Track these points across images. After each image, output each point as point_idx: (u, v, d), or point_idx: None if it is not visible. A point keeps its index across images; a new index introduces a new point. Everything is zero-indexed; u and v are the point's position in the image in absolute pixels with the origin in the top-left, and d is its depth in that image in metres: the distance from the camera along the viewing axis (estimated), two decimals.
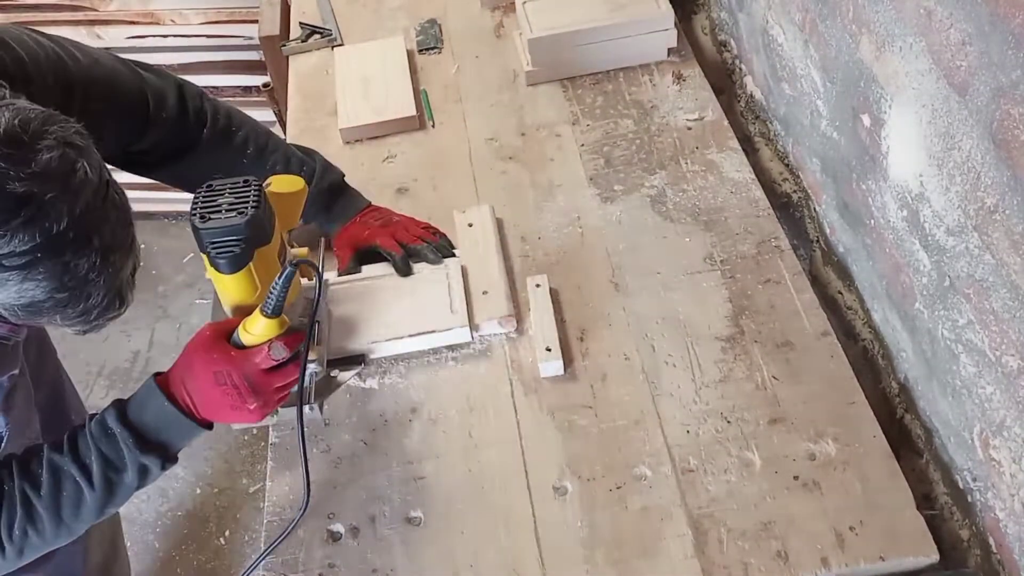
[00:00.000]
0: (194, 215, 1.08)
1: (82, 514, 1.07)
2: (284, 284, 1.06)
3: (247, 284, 1.11)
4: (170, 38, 2.64)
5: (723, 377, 1.28)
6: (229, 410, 1.08)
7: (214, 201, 1.09)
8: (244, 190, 1.10)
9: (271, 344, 1.07)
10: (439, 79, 1.85)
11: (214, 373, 1.06)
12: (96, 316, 0.96)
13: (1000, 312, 0.99)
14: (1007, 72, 0.88)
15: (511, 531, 1.17)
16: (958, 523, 1.18)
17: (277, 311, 1.07)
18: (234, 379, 1.06)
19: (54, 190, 0.87)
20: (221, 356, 1.07)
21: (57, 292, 0.90)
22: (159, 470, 1.08)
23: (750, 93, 1.78)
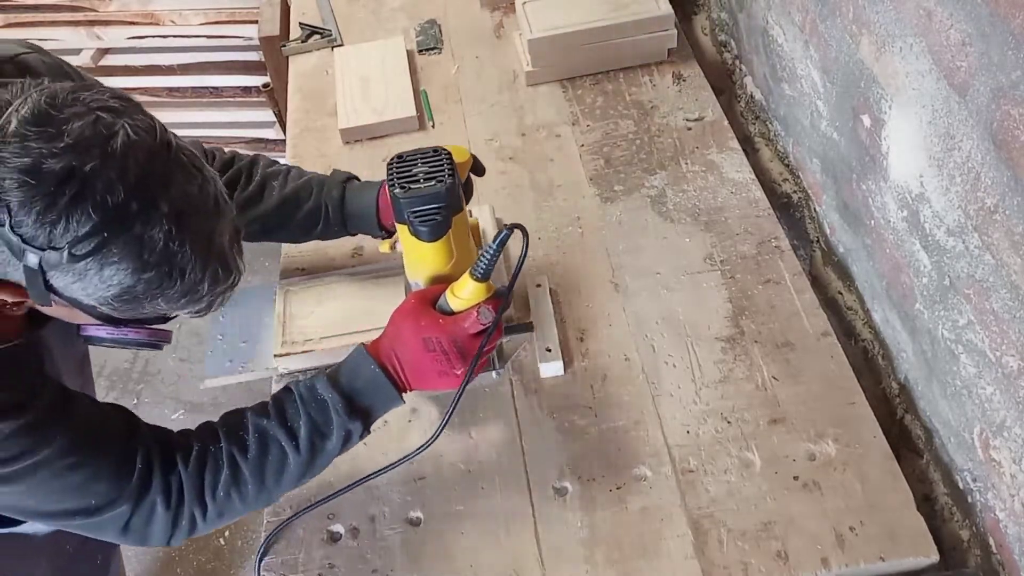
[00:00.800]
0: (392, 185, 1.10)
1: (284, 479, 1.07)
2: (498, 247, 1.05)
3: (445, 252, 1.13)
4: (170, 38, 2.64)
5: (723, 377, 1.28)
6: (436, 376, 1.08)
7: (409, 171, 1.11)
8: (436, 159, 1.11)
9: (480, 308, 1.06)
10: (439, 79, 1.85)
11: (423, 340, 1.06)
12: (206, 291, 0.91)
13: (1000, 312, 0.99)
14: (1007, 72, 0.88)
15: (511, 531, 1.17)
16: (958, 523, 1.18)
17: (487, 274, 1.07)
18: (444, 345, 1.06)
19: (94, 158, 0.82)
20: (430, 323, 1.07)
21: (142, 272, 0.85)
22: (359, 438, 1.09)
23: (750, 93, 1.78)
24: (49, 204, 0.80)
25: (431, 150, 1.13)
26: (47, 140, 0.81)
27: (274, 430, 1.06)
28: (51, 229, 0.81)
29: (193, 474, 1.03)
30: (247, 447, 1.06)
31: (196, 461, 1.04)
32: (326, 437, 1.07)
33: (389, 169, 1.12)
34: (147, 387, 2.72)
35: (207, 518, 1.05)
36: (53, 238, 0.81)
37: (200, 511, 1.04)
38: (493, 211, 1.53)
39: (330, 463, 1.10)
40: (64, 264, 0.83)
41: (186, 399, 2.66)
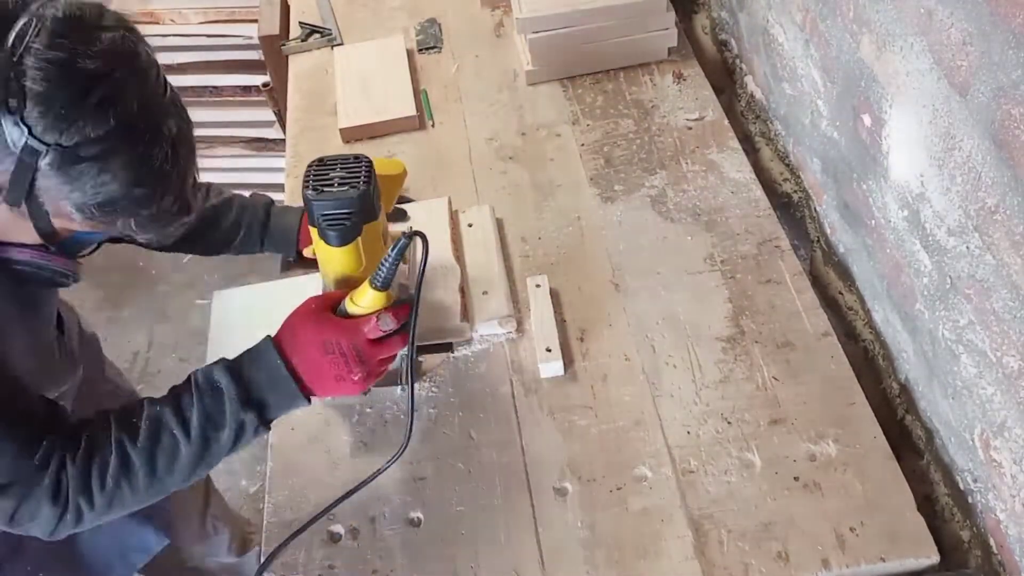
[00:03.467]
0: (307, 187, 1.10)
1: (175, 470, 1.03)
2: (396, 256, 1.05)
3: (353, 257, 1.13)
4: (170, 37, 2.64)
5: (723, 378, 1.28)
6: (333, 380, 1.06)
7: (326, 175, 1.11)
8: (355, 166, 1.12)
9: (380, 315, 1.06)
10: (439, 79, 1.85)
11: (323, 341, 1.05)
12: (169, 220, 0.95)
13: (1001, 312, 0.99)
14: (1008, 72, 0.88)
15: (511, 532, 1.17)
16: (959, 524, 1.18)
17: (387, 284, 1.07)
18: (343, 348, 1.05)
19: (123, 69, 0.86)
20: (330, 325, 1.06)
21: (134, 186, 0.88)
22: (253, 433, 1.06)
23: (750, 93, 1.78)
24: (75, 102, 0.82)
25: (352, 156, 1.13)
26: (82, 41, 0.84)
27: (166, 417, 1.03)
28: (66, 127, 0.83)
29: (80, 466, 0.99)
30: (138, 434, 1.02)
31: (84, 452, 1.00)
32: (219, 427, 1.04)
33: (307, 171, 1.12)
34: (147, 387, 2.72)
35: (95, 508, 1.01)
36: (63, 136, 0.83)
37: (87, 502, 1.00)
38: (493, 211, 1.53)
39: (224, 455, 1.07)
40: (62, 164, 0.84)
41: None
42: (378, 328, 1.06)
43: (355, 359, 1.06)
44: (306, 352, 1.05)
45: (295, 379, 1.05)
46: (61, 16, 0.84)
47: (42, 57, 0.82)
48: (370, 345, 1.06)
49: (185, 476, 1.05)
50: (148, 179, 0.89)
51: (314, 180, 1.10)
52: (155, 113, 0.89)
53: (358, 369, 1.06)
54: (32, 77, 0.81)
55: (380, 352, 1.08)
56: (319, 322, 1.06)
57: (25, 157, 0.83)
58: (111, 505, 1.02)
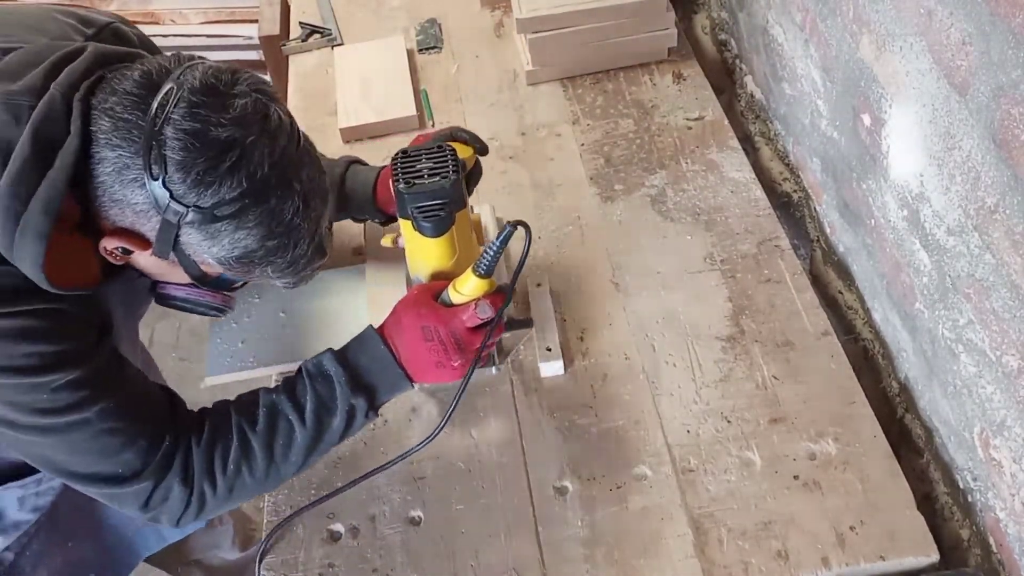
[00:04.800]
0: (397, 180, 1.10)
1: (291, 455, 1.08)
2: (501, 244, 1.06)
3: (448, 247, 1.13)
4: (170, 38, 2.64)
5: (723, 377, 1.28)
6: (433, 366, 1.09)
7: (414, 167, 1.11)
8: (440, 155, 1.12)
9: (478, 303, 1.07)
10: (439, 79, 1.85)
11: (422, 328, 1.08)
12: (304, 266, 0.99)
13: (1000, 312, 0.99)
14: (1007, 72, 0.88)
15: (511, 531, 1.17)
16: (958, 523, 1.18)
17: (490, 271, 1.07)
18: (441, 335, 1.07)
19: (254, 133, 0.90)
20: (430, 312, 1.08)
21: (267, 239, 0.94)
22: (363, 416, 1.09)
23: (750, 93, 1.78)
24: (210, 167, 0.89)
25: (435, 146, 1.14)
26: (216, 110, 0.90)
27: (282, 404, 1.08)
28: (203, 190, 0.89)
29: (205, 449, 1.05)
30: (256, 420, 1.07)
31: (208, 436, 1.06)
32: (331, 412, 1.08)
33: (394, 165, 1.12)
34: None
35: (217, 493, 1.06)
36: (201, 198, 0.89)
37: (210, 486, 1.05)
38: (493, 210, 1.53)
39: (336, 442, 1.10)
40: (202, 223, 0.91)
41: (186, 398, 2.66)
42: (476, 316, 1.07)
43: (454, 346, 1.08)
44: (407, 338, 1.09)
45: (399, 364, 1.09)
46: (198, 85, 0.90)
47: (180, 127, 0.88)
48: (468, 332, 1.08)
49: (300, 462, 1.09)
50: (280, 232, 0.94)
51: (403, 173, 1.11)
52: (285, 170, 0.93)
53: (456, 356, 1.08)
54: (171, 146, 0.88)
55: (479, 339, 1.09)
56: (420, 309, 1.09)
57: (169, 217, 0.91)
58: (232, 491, 1.07)
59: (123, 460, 1.00)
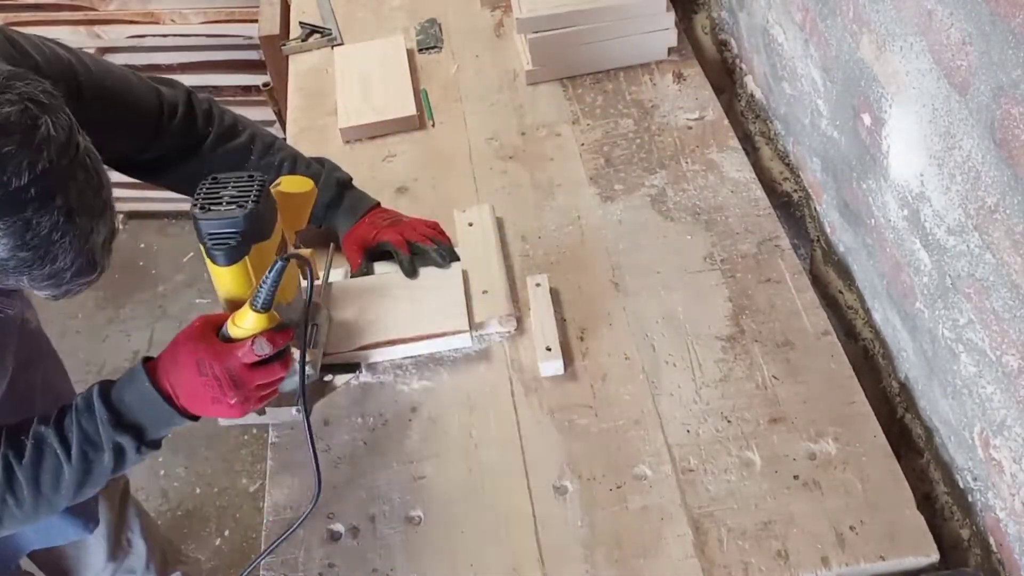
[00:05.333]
0: (195, 205, 1.08)
1: (61, 488, 1.05)
2: (275, 278, 1.05)
3: (242, 278, 1.11)
4: (170, 37, 2.64)
5: (723, 377, 1.28)
6: (209, 402, 1.06)
7: (217, 193, 1.09)
8: (247, 184, 1.09)
9: (255, 339, 1.05)
10: (439, 79, 1.85)
11: (196, 362, 1.05)
12: (68, 280, 0.94)
13: (1000, 312, 0.99)
14: (1007, 71, 0.88)
15: (511, 531, 1.17)
16: (958, 523, 1.18)
17: (267, 305, 1.06)
18: (216, 371, 1.05)
19: (13, 144, 0.86)
20: (205, 346, 1.06)
21: (19, 250, 0.89)
22: (135, 453, 1.07)
23: (750, 92, 1.78)
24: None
25: (247, 175, 1.11)
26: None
27: (50, 437, 1.04)
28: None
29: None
30: (23, 452, 1.04)
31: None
32: (98, 449, 1.05)
33: (198, 188, 1.10)
34: None
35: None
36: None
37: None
38: (493, 210, 1.53)
39: (112, 475, 1.08)
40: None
41: None
42: (253, 352, 1.05)
43: (229, 383, 1.05)
44: (183, 373, 1.06)
45: (170, 399, 1.06)
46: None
47: None
48: (246, 369, 1.06)
49: (71, 495, 1.07)
50: (35, 245, 0.89)
51: (203, 198, 1.08)
52: (49, 184, 0.88)
53: (232, 393, 1.06)
54: None
55: (258, 377, 1.07)
56: (197, 343, 1.06)
57: None
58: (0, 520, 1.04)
59: None
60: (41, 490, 1.04)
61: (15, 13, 2.69)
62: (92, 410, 1.05)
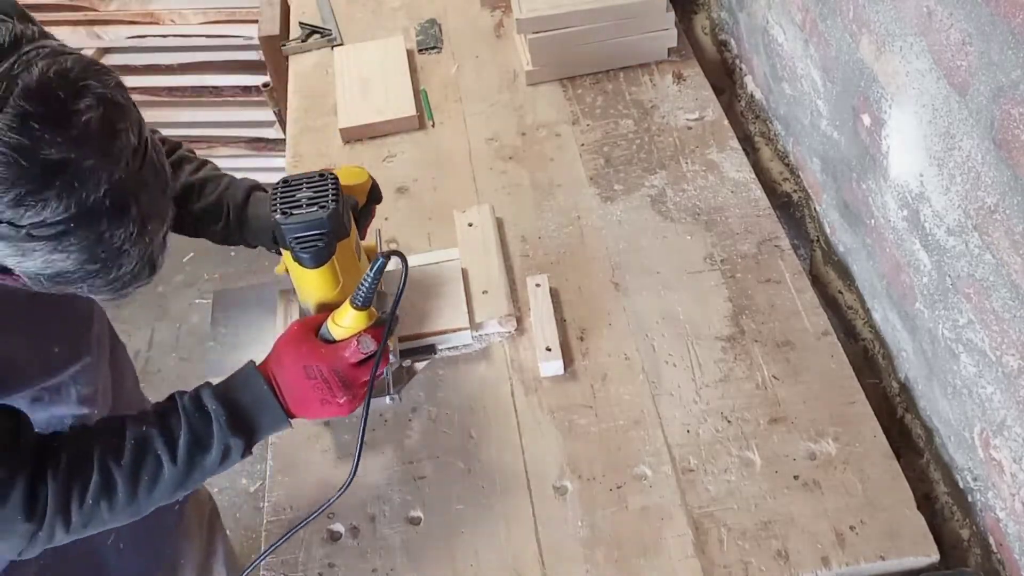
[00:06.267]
0: (275, 211, 1.08)
1: (156, 492, 1.02)
2: (376, 275, 1.04)
3: (330, 278, 1.12)
4: (170, 38, 2.64)
5: (723, 377, 1.28)
6: (319, 404, 1.05)
7: (292, 196, 1.09)
8: (321, 184, 1.10)
9: (360, 337, 1.05)
10: (439, 79, 1.85)
11: (304, 367, 1.04)
12: (126, 284, 0.90)
13: (1000, 312, 0.99)
14: (1007, 72, 0.88)
15: (511, 531, 1.17)
16: (958, 523, 1.18)
17: (368, 303, 1.06)
18: (324, 373, 1.04)
19: (93, 156, 0.79)
20: (311, 350, 1.05)
21: (88, 263, 0.84)
22: (238, 456, 1.05)
23: (750, 93, 1.78)
24: (34, 190, 0.77)
25: (317, 174, 1.11)
26: (52, 125, 0.77)
27: (153, 437, 1.01)
28: (23, 211, 0.77)
29: (60, 485, 0.97)
30: (122, 453, 1.00)
31: (66, 470, 0.97)
32: (205, 450, 1.02)
33: (272, 193, 1.10)
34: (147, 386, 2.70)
35: (70, 529, 0.99)
36: (17, 216, 0.78)
37: (63, 521, 0.98)
38: (493, 210, 1.53)
39: (206, 478, 1.06)
40: (14, 239, 0.79)
41: None
42: (359, 351, 1.05)
43: (337, 383, 1.05)
44: (290, 377, 1.05)
45: (281, 403, 1.05)
46: (35, 88, 0.76)
47: (4, 140, 0.75)
48: (352, 368, 1.06)
49: (165, 497, 1.04)
50: (105, 256, 0.84)
51: (281, 203, 1.08)
52: (124, 194, 0.82)
53: (342, 393, 1.05)
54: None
55: (363, 374, 1.07)
56: (301, 347, 1.05)
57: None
58: (87, 525, 1.00)
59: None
60: (137, 493, 1.01)
61: None
62: (204, 410, 1.03)
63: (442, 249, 1.48)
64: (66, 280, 0.85)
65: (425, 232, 1.55)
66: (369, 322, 1.07)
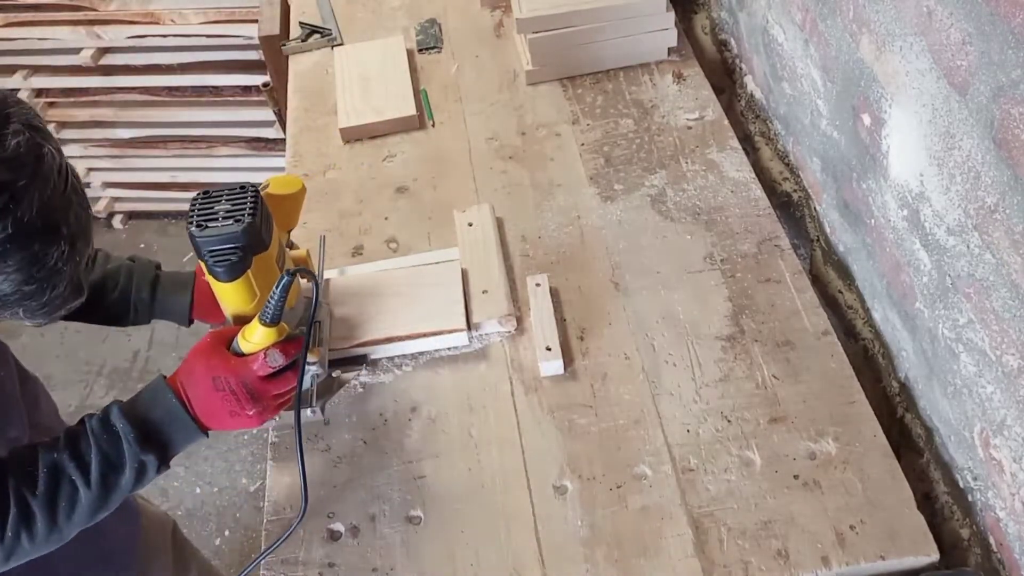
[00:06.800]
0: (191, 223, 1.07)
1: (75, 516, 1.03)
2: (281, 293, 1.05)
3: (246, 291, 1.11)
4: (170, 38, 2.65)
5: (723, 376, 1.28)
6: (227, 416, 1.07)
7: (211, 208, 1.08)
8: (240, 196, 1.09)
9: (267, 352, 1.06)
10: (439, 79, 1.85)
11: (212, 379, 1.05)
12: (57, 307, 0.93)
13: (1000, 311, 0.99)
14: (1007, 71, 0.88)
15: (511, 530, 1.17)
16: (958, 522, 1.18)
17: (275, 319, 1.07)
18: (232, 385, 1.05)
19: (25, 177, 0.84)
20: (220, 362, 1.06)
21: (25, 284, 0.87)
22: (154, 472, 1.06)
23: (750, 92, 1.78)
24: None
25: (239, 186, 1.10)
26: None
27: (65, 464, 1.02)
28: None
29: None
30: (36, 484, 1.00)
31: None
32: (119, 471, 1.03)
33: (191, 205, 1.09)
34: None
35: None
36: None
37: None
38: (493, 210, 1.53)
39: (124, 496, 1.06)
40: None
41: None
42: (267, 365, 1.06)
43: (246, 396, 1.06)
44: (200, 389, 1.06)
45: (191, 415, 1.06)
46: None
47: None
48: (261, 381, 1.07)
49: (85, 521, 1.05)
50: (41, 277, 0.88)
51: (198, 215, 1.07)
52: (54, 213, 0.87)
53: (251, 405, 1.07)
54: None
55: (273, 387, 1.08)
56: (211, 359, 1.06)
57: None
58: (9, 558, 1.01)
59: None
60: (56, 521, 1.02)
61: (15, 13, 2.69)
62: (112, 430, 1.04)
63: (442, 249, 1.48)
64: (3, 303, 0.88)
65: (425, 232, 1.55)
66: (279, 337, 1.08)
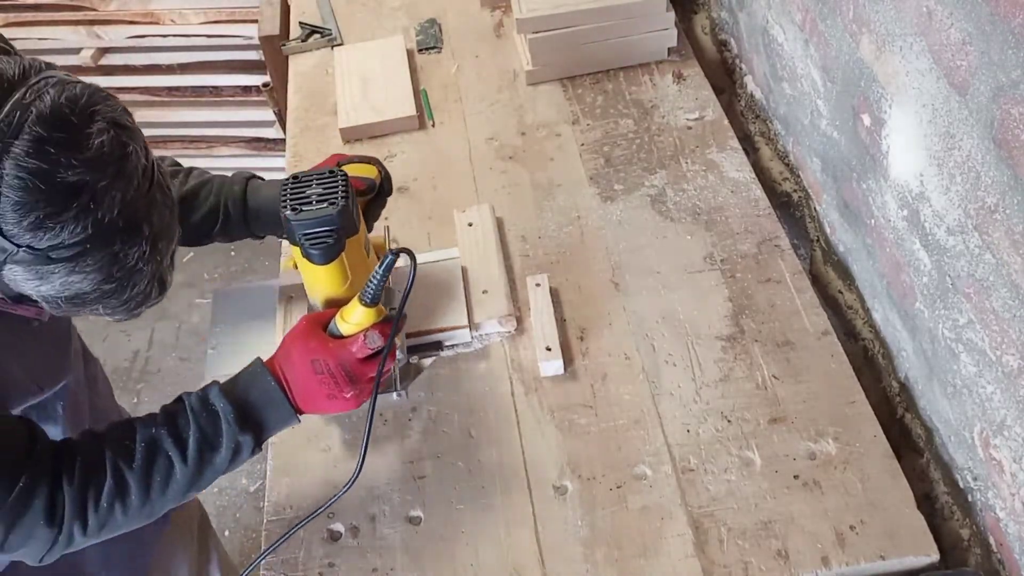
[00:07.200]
0: (284, 207, 1.09)
1: (169, 492, 1.03)
2: (385, 272, 1.05)
3: (339, 274, 1.12)
4: (170, 38, 2.64)
5: (723, 376, 1.28)
6: (325, 399, 1.07)
7: (302, 192, 1.10)
8: (331, 180, 1.10)
9: (367, 333, 1.06)
10: (439, 79, 1.85)
11: (311, 362, 1.05)
12: (139, 304, 0.93)
13: (1000, 311, 0.99)
14: (1007, 72, 0.88)
15: (511, 531, 1.17)
16: (958, 522, 1.18)
17: (376, 299, 1.07)
18: (331, 367, 1.05)
19: (107, 177, 0.83)
20: (319, 345, 1.06)
21: (104, 283, 0.87)
22: (248, 453, 1.06)
23: (750, 92, 1.78)
24: (52, 214, 0.80)
25: (328, 170, 1.12)
26: (67, 149, 0.80)
27: (162, 439, 1.02)
28: (41, 234, 0.81)
29: (77, 489, 0.98)
30: (133, 456, 1.01)
31: (80, 474, 0.99)
32: (215, 449, 1.03)
33: (283, 190, 1.10)
34: (147, 386, 2.72)
35: (87, 532, 1.00)
36: (36, 240, 0.81)
37: (80, 526, 0.99)
38: (493, 210, 1.54)
39: (217, 477, 1.06)
40: (32, 263, 0.83)
41: None
42: (366, 346, 1.06)
43: (344, 378, 1.06)
44: (298, 372, 1.06)
45: (289, 399, 1.06)
46: (48, 114, 0.80)
47: (23, 165, 0.78)
48: (359, 363, 1.06)
49: (178, 498, 1.05)
50: (120, 276, 0.87)
51: (291, 199, 1.09)
52: (136, 213, 0.86)
53: (348, 388, 1.07)
54: (9, 183, 0.78)
55: (370, 369, 1.07)
56: (308, 342, 1.06)
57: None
58: (102, 528, 1.01)
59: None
60: (150, 495, 1.02)
61: (15, 13, 2.69)
62: (212, 409, 1.04)
63: (442, 249, 1.48)
64: (83, 301, 0.88)
65: (425, 232, 1.55)
66: (377, 319, 1.08)
